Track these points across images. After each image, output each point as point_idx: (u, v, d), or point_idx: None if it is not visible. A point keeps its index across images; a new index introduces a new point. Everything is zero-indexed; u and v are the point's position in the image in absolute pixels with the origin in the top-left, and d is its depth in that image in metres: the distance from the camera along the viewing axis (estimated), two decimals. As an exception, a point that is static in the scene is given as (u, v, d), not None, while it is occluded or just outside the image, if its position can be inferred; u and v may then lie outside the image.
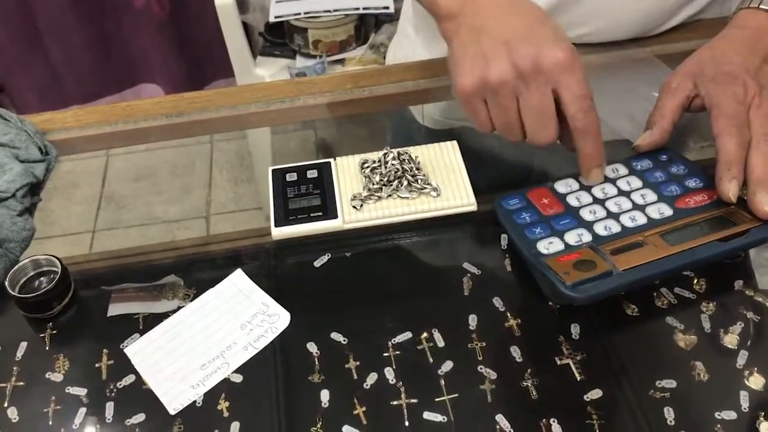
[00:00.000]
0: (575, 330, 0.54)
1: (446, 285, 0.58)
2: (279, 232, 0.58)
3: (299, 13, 1.63)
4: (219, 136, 2.21)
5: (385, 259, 0.61)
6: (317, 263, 0.60)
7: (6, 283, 0.55)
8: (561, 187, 0.60)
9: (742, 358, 0.51)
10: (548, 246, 0.55)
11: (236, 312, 0.54)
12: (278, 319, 0.54)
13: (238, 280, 0.57)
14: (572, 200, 0.59)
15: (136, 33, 1.85)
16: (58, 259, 0.56)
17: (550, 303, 0.55)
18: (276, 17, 1.64)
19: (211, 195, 1.82)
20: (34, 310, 0.56)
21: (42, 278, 0.57)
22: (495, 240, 0.60)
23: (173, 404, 0.51)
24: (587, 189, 0.59)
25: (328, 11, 1.61)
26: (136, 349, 0.54)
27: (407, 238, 0.62)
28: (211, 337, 0.53)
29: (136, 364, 0.53)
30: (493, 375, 0.52)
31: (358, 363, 0.53)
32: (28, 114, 0.67)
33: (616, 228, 0.56)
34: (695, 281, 0.56)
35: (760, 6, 0.62)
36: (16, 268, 0.56)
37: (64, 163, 0.68)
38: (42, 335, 0.57)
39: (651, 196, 0.58)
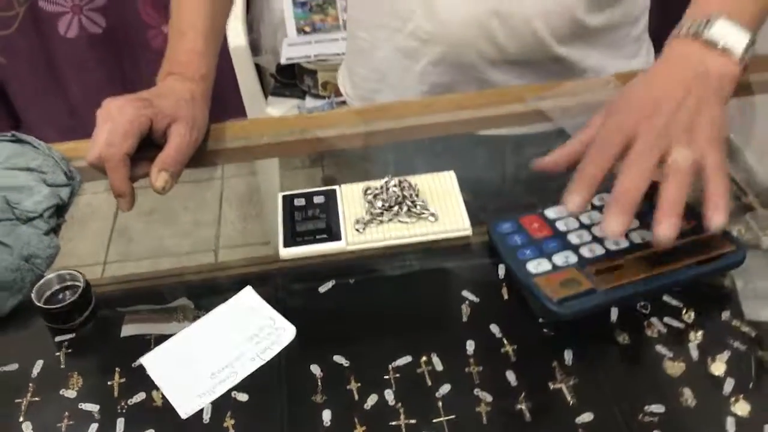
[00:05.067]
0: (568, 356, 0.56)
1: (445, 312, 0.60)
2: (287, 253, 0.61)
3: (309, 56, 1.69)
4: (229, 173, 2.26)
5: (387, 287, 0.64)
6: (322, 289, 0.63)
7: (32, 295, 0.59)
8: (551, 213, 0.64)
9: (728, 385, 0.53)
10: (537, 266, 0.59)
11: (245, 325, 0.57)
12: (284, 332, 0.57)
13: (247, 296, 0.60)
14: (561, 225, 0.63)
15: (153, 72, 1.90)
16: (81, 274, 0.60)
17: (545, 330, 0.58)
18: (287, 59, 1.70)
19: (220, 229, 1.86)
20: (58, 321, 0.59)
21: (66, 292, 0.60)
22: (493, 270, 0.63)
23: (184, 409, 0.54)
24: (575, 216, 0.63)
25: (337, 54, 1.67)
26: (152, 359, 0.57)
27: (409, 267, 0.64)
28: (221, 348, 0.56)
29: (150, 373, 0.56)
30: (488, 398, 0.54)
31: (359, 384, 0.55)
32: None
33: (600, 251, 0.59)
34: (684, 312, 0.58)
35: (687, 32, 0.61)
36: (42, 281, 0.59)
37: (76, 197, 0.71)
38: (57, 354, 0.59)
39: (633, 222, 0.61)
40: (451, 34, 0.76)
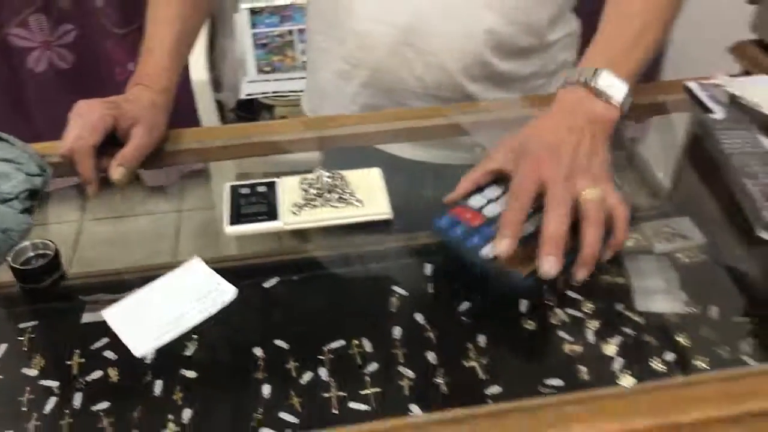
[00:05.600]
0: (482, 340, 0.64)
1: (377, 303, 0.68)
2: (232, 230, 0.70)
3: (268, 92, 1.78)
4: (188, 205, 2.30)
5: (326, 283, 0.71)
6: (267, 285, 0.70)
7: (9, 258, 0.68)
8: (474, 202, 0.70)
9: (617, 364, 0.61)
10: (491, 250, 0.65)
11: (193, 286, 0.67)
12: (226, 293, 0.65)
13: (196, 264, 0.70)
14: (487, 212, 0.69)
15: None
16: (53, 243, 0.69)
17: (463, 318, 0.65)
18: (247, 95, 1.79)
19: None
20: (30, 281, 0.68)
21: (40, 259, 0.69)
22: (419, 268, 0.71)
23: (139, 350, 0.62)
24: (494, 200, 0.70)
25: (294, 91, 1.76)
26: (112, 312, 0.65)
27: (346, 267, 0.72)
28: (173, 303, 0.65)
29: (111, 324, 0.64)
30: (411, 374, 0.61)
31: (297, 364, 0.62)
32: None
33: (529, 228, 0.66)
34: (584, 303, 0.67)
35: (578, 80, 0.71)
36: (18, 248, 0.68)
37: (36, 231, 0.78)
38: (21, 338, 0.65)
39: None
40: (376, 61, 0.85)
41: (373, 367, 0.62)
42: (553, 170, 0.65)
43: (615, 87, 0.69)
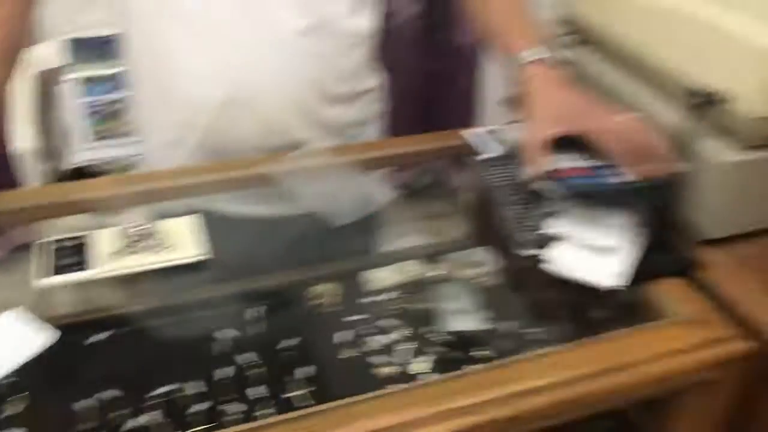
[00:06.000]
0: (300, 373, 0.69)
1: (206, 348, 0.72)
2: (46, 282, 0.71)
3: (100, 159, 1.77)
4: (19, 277, 2.18)
5: (154, 332, 0.74)
6: (94, 338, 0.72)
7: None
8: (565, 163, 0.74)
9: (425, 378, 0.69)
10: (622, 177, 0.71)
11: (10, 333, 0.68)
12: (44, 336, 0.68)
13: (14, 313, 0.71)
14: (581, 164, 0.74)
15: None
16: None
17: (284, 354, 0.70)
18: (78, 163, 1.77)
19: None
20: None
21: None
22: (243, 312, 0.76)
23: None
24: (574, 157, 0.75)
25: (127, 156, 1.76)
26: None
27: (172, 315, 0.76)
28: None
29: None
30: (236, 408, 0.65)
31: (129, 410, 0.65)
32: None
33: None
34: (394, 330, 0.74)
35: (533, 60, 0.81)
36: None
37: None
38: None
39: None
40: (207, 122, 0.88)
41: (201, 406, 0.65)
42: (605, 110, 0.76)
43: (549, 55, 0.83)
